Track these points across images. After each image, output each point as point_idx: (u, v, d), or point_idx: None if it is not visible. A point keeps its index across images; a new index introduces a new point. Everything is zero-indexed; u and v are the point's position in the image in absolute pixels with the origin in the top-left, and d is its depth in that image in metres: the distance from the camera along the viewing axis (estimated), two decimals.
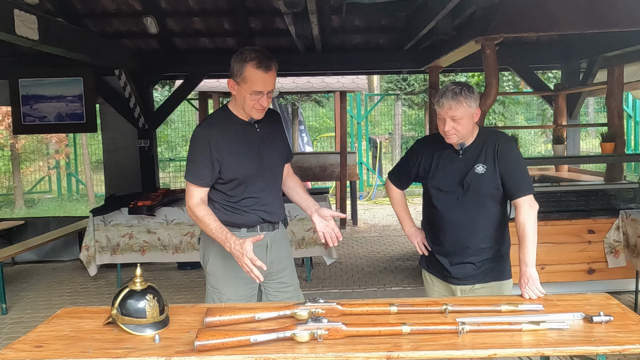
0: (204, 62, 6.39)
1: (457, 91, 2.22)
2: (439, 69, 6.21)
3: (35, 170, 12.97)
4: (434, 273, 2.50)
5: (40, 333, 1.87)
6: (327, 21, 5.66)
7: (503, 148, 2.31)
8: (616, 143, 4.90)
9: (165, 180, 12.57)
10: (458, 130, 2.26)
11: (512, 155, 2.33)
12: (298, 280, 2.67)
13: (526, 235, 2.22)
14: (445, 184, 2.37)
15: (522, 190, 2.28)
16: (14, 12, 3.50)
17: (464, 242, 2.36)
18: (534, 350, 1.71)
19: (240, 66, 2.28)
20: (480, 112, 2.28)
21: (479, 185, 2.31)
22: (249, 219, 2.42)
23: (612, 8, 3.98)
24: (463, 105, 2.21)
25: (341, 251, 6.60)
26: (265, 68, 2.26)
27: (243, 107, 2.34)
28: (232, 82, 2.33)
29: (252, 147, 2.40)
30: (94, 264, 5.17)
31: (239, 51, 2.32)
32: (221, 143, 2.34)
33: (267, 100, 2.32)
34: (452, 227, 2.37)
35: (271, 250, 2.48)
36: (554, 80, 11.80)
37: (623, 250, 4.29)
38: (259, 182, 2.42)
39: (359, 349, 1.70)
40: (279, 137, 2.56)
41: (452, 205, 2.36)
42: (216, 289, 2.48)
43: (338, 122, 8.75)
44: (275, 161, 2.51)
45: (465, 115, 2.23)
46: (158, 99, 13.20)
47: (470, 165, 2.32)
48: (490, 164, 2.30)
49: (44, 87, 6.13)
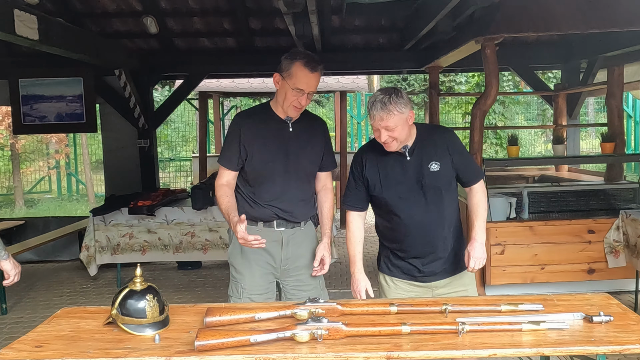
0: (204, 62, 6.40)
1: (386, 100, 2.17)
2: (439, 69, 6.21)
3: (35, 170, 12.98)
4: (400, 276, 2.44)
5: (40, 333, 1.87)
6: (327, 21, 5.66)
7: (451, 142, 2.37)
8: (616, 143, 4.90)
9: (165, 180, 12.58)
10: (395, 137, 2.23)
11: (461, 147, 2.41)
12: (323, 280, 2.67)
13: (479, 215, 2.39)
14: (402, 190, 2.32)
15: (477, 177, 2.42)
16: (14, 12, 3.50)
17: (434, 240, 2.36)
18: (534, 350, 1.71)
19: (289, 62, 2.40)
20: (413, 113, 2.26)
21: (436, 182, 2.32)
22: (265, 213, 2.49)
23: (612, 8, 3.99)
24: (394, 114, 2.18)
25: (341, 251, 6.59)
26: (311, 68, 2.39)
27: (282, 103, 2.44)
28: (278, 77, 2.44)
29: (280, 144, 2.47)
30: (94, 263, 5.17)
31: (290, 50, 2.48)
32: (251, 132, 2.46)
33: (306, 100, 2.43)
34: (419, 230, 2.34)
35: (287, 247, 2.53)
36: (554, 80, 11.80)
37: (623, 250, 4.29)
38: (278, 179, 2.48)
39: (359, 349, 1.70)
40: (317, 144, 2.58)
41: (415, 209, 2.32)
42: (234, 278, 2.56)
43: (338, 122, 8.76)
44: (303, 163, 2.53)
45: (399, 122, 2.19)
46: (158, 99, 13.21)
47: (423, 165, 2.31)
48: (443, 159, 2.32)
49: (44, 87, 6.12)
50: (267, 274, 2.53)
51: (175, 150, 14.39)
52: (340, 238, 7.40)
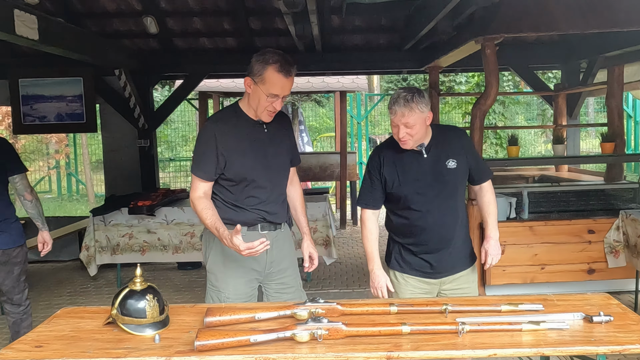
0: (204, 62, 6.39)
1: (409, 98, 2.24)
2: (439, 69, 6.21)
3: (35, 170, 12.96)
4: (411, 272, 2.49)
5: (40, 333, 1.87)
6: (327, 21, 5.66)
7: (465, 141, 2.50)
8: (616, 143, 4.90)
9: (165, 180, 12.57)
10: (412, 135, 2.30)
11: (473, 147, 2.57)
12: (301, 281, 2.67)
13: (491, 213, 2.52)
14: (420, 186, 2.39)
15: (487, 176, 2.55)
16: (14, 12, 3.49)
17: (448, 235, 2.44)
18: (534, 350, 1.71)
19: (261, 67, 2.27)
20: (432, 115, 2.34)
21: (453, 179, 2.41)
22: (249, 217, 2.42)
23: (612, 8, 3.98)
24: (415, 112, 2.25)
25: (341, 251, 6.60)
26: (285, 73, 2.28)
27: (256, 108, 2.36)
28: (249, 81, 2.32)
29: (259, 146, 2.41)
30: (94, 264, 5.17)
31: (261, 51, 2.32)
32: (228, 138, 2.36)
33: (280, 104, 2.35)
34: (435, 225, 2.41)
35: (271, 251, 2.46)
36: (554, 80, 11.80)
37: (623, 250, 4.29)
38: (263, 182, 2.43)
39: (359, 349, 1.70)
40: (287, 140, 2.57)
41: (432, 204, 2.40)
42: (215, 287, 2.48)
43: (338, 122, 8.75)
44: (281, 163, 2.52)
45: (419, 120, 2.27)
46: (158, 99, 13.20)
47: (441, 161, 2.39)
48: (459, 157, 2.41)
49: (44, 87, 6.12)
50: (252, 280, 2.48)
51: (175, 150, 14.38)
52: (340, 238, 7.41)
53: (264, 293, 2.58)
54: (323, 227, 5.13)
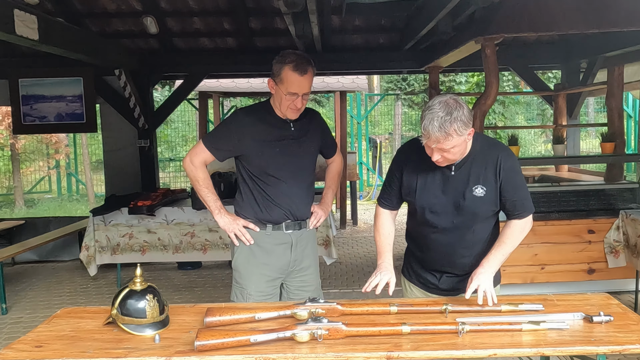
0: (204, 62, 6.40)
1: (446, 120, 1.89)
2: (439, 69, 6.21)
3: (35, 170, 12.97)
4: (416, 284, 2.35)
5: (40, 333, 1.87)
6: (327, 21, 5.66)
7: (506, 167, 2.07)
8: (616, 143, 4.90)
9: (165, 180, 12.57)
10: (449, 159, 2.00)
11: (515, 176, 2.10)
12: (320, 280, 2.75)
13: (501, 247, 2.10)
14: (436, 206, 2.13)
15: (521, 213, 2.13)
16: (14, 12, 3.50)
17: (455, 260, 2.21)
18: (534, 350, 1.71)
19: (279, 67, 2.40)
20: (474, 130, 2.02)
21: (476, 208, 2.09)
22: (275, 216, 2.49)
23: (612, 8, 3.98)
24: (453, 137, 1.92)
25: (341, 251, 6.60)
26: (301, 71, 2.37)
27: (280, 106, 2.45)
28: (271, 82, 2.45)
29: (284, 144, 2.48)
30: (94, 264, 5.16)
31: (280, 53, 2.45)
32: (253, 130, 2.45)
33: (301, 102, 2.42)
34: (443, 247, 2.19)
35: (295, 249, 2.55)
36: (554, 80, 11.81)
37: (623, 250, 4.29)
38: (289, 180, 2.49)
39: (359, 349, 1.70)
40: (316, 137, 2.62)
41: (444, 226, 2.14)
42: (239, 284, 2.55)
43: (338, 122, 8.75)
44: (307, 162, 2.57)
45: (457, 143, 1.95)
46: (158, 99, 13.20)
47: (467, 186, 2.08)
48: (490, 184, 2.07)
49: (44, 87, 6.12)
50: (274, 279, 2.55)
51: (175, 150, 14.37)
52: (340, 238, 7.41)
53: (285, 290, 2.64)
54: (323, 227, 5.11)
